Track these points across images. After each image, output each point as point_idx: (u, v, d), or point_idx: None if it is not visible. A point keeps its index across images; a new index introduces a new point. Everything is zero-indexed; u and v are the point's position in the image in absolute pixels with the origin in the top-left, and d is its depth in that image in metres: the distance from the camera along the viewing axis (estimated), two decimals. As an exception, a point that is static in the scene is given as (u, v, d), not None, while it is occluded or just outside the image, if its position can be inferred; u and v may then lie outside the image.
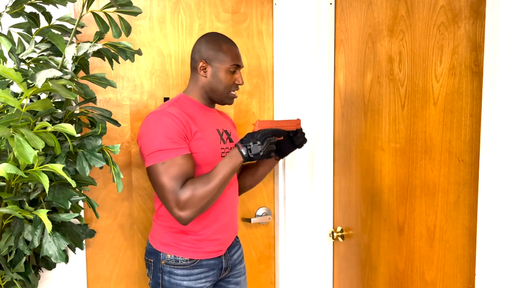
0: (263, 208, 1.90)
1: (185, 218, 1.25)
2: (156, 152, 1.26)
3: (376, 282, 1.51)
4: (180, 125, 1.30)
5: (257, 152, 1.29)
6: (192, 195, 1.24)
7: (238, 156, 1.29)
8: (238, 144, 1.31)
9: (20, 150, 0.87)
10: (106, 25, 1.26)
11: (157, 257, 1.40)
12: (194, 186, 1.25)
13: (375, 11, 1.48)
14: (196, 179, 1.28)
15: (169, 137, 1.27)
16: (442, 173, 1.20)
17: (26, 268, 1.16)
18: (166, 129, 1.28)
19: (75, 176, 1.16)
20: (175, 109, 1.34)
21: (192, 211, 1.25)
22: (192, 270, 1.38)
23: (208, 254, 1.41)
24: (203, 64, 1.40)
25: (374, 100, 1.49)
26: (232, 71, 1.41)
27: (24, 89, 0.93)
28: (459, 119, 1.14)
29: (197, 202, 1.25)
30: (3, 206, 1.07)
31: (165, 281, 1.38)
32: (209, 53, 1.39)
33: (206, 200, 1.26)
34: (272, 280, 1.95)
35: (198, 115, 1.39)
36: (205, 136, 1.36)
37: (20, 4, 1.17)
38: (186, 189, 1.24)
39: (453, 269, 1.17)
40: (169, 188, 1.24)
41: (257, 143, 1.29)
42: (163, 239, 1.40)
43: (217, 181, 1.27)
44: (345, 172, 1.70)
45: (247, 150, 1.29)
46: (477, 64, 1.08)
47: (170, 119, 1.30)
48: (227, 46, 1.41)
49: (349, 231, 1.69)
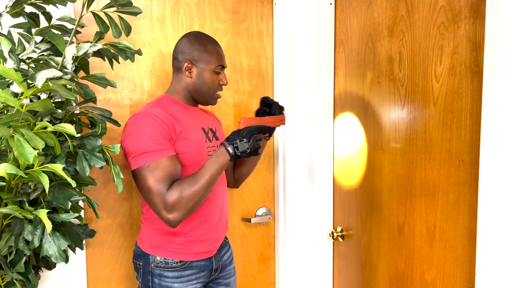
0: (263, 208, 1.90)
1: (174, 221, 1.24)
2: (141, 154, 1.25)
3: (376, 282, 1.51)
4: (164, 126, 1.28)
5: (244, 150, 1.28)
6: (180, 197, 1.22)
7: (225, 154, 1.28)
8: (224, 142, 1.29)
9: (20, 150, 0.87)
10: (106, 25, 1.26)
11: (146, 260, 1.37)
12: (182, 188, 1.23)
13: (375, 11, 1.48)
14: (183, 180, 1.26)
15: (154, 139, 1.25)
16: (442, 173, 1.20)
17: (26, 268, 1.16)
18: (150, 131, 1.26)
19: (75, 176, 1.16)
20: (159, 110, 1.32)
21: (181, 213, 1.24)
22: (183, 272, 1.37)
23: (198, 255, 1.40)
24: (188, 65, 1.37)
25: (374, 100, 1.49)
26: (217, 72, 1.40)
27: (24, 89, 0.93)
28: (459, 119, 1.14)
29: (185, 203, 1.23)
30: (3, 206, 1.07)
31: (156, 284, 1.36)
32: (194, 53, 1.37)
33: (194, 201, 1.25)
34: (272, 280, 1.95)
35: (181, 115, 1.37)
36: (190, 135, 1.34)
37: (20, 4, 1.17)
38: (173, 191, 1.23)
39: (453, 269, 1.17)
40: (156, 190, 1.22)
41: (243, 141, 1.28)
42: (152, 241, 1.38)
43: (204, 181, 1.26)
44: (345, 172, 1.70)
45: (234, 148, 1.28)
46: (477, 64, 1.08)
47: (153, 120, 1.28)
48: (212, 47, 1.39)
49: (349, 231, 1.69)
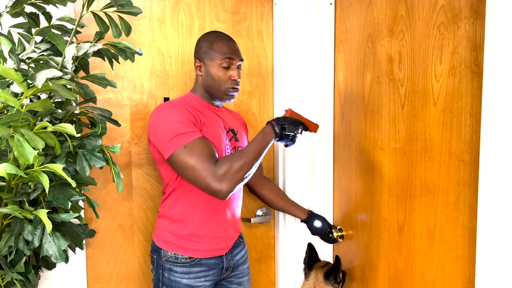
0: (263, 208, 1.90)
1: (226, 191, 1.25)
2: (175, 137, 1.27)
3: (376, 282, 1.51)
4: (189, 113, 1.33)
5: (288, 133, 1.33)
6: (230, 167, 1.25)
7: (271, 133, 1.33)
8: (273, 122, 1.35)
9: (20, 150, 0.87)
10: (106, 25, 1.26)
11: (159, 254, 1.41)
12: (231, 160, 1.27)
13: (375, 11, 1.48)
14: (231, 155, 1.30)
15: (183, 122, 1.29)
16: (442, 173, 1.20)
17: (26, 268, 1.16)
18: (178, 115, 1.30)
19: (75, 176, 1.16)
20: (183, 103, 1.38)
21: (231, 183, 1.25)
22: (192, 268, 1.39)
23: (208, 253, 1.41)
24: (197, 63, 1.43)
25: (374, 100, 1.49)
26: (225, 66, 1.39)
27: (24, 89, 0.93)
28: (459, 119, 1.14)
29: (235, 173, 1.26)
30: (3, 206, 1.07)
31: (165, 278, 1.39)
32: (201, 51, 1.42)
33: (242, 171, 1.27)
34: (272, 280, 1.95)
35: (205, 111, 1.41)
36: (210, 131, 1.37)
37: (20, 4, 1.17)
38: (223, 162, 1.26)
39: (453, 269, 1.17)
40: (202, 167, 1.24)
41: (290, 125, 1.34)
42: (164, 236, 1.41)
43: (252, 154, 1.30)
44: (345, 172, 1.70)
45: (281, 128, 1.33)
46: (477, 64, 1.08)
47: (179, 107, 1.33)
48: (218, 42, 1.41)
49: (349, 231, 1.69)
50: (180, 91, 1.70)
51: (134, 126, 1.63)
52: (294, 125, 1.35)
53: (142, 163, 1.65)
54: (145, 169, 1.65)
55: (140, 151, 1.64)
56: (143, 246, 1.67)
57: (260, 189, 1.69)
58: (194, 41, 1.71)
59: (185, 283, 1.38)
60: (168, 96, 1.68)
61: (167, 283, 1.39)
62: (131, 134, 1.63)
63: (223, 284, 1.50)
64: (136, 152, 1.64)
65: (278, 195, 1.70)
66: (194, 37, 1.71)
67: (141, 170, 1.65)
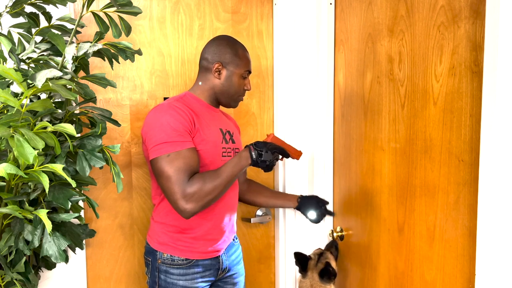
0: (263, 208, 1.90)
1: (190, 211, 1.25)
2: (162, 144, 1.27)
3: (376, 282, 1.51)
4: (186, 119, 1.31)
5: (265, 160, 1.31)
6: (200, 188, 1.25)
7: (247, 158, 1.32)
8: (251, 147, 1.33)
9: (20, 150, 0.87)
10: (106, 25, 1.26)
11: (154, 256, 1.40)
12: (204, 180, 1.26)
13: (375, 11, 1.48)
14: (205, 174, 1.29)
15: (176, 130, 1.29)
16: (442, 173, 1.20)
17: (26, 268, 1.16)
18: (172, 121, 1.29)
19: (75, 176, 1.16)
20: (181, 104, 1.35)
21: (198, 205, 1.25)
22: (188, 269, 1.39)
23: (204, 254, 1.41)
24: (218, 66, 1.41)
25: (374, 100, 1.49)
26: (244, 76, 1.44)
27: (24, 89, 0.93)
28: (459, 119, 1.14)
29: (204, 196, 1.26)
30: (3, 206, 1.07)
31: (162, 280, 1.39)
32: (226, 56, 1.41)
33: (212, 195, 1.27)
34: (272, 280, 1.95)
35: (202, 113, 1.40)
36: (207, 134, 1.37)
37: (20, 4, 1.17)
38: (195, 182, 1.25)
39: (453, 269, 1.17)
40: (176, 180, 1.24)
41: (268, 152, 1.32)
42: (160, 238, 1.40)
43: (225, 177, 1.29)
44: (345, 172, 1.70)
45: (258, 154, 1.32)
46: (477, 64, 1.08)
47: (176, 112, 1.31)
48: (243, 52, 1.45)
49: (349, 231, 1.69)
50: (180, 91, 1.70)
51: (134, 126, 1.63)
52: (272, 152, 1.33)
53: (142, 163, 1.65)
54: (145, 169, 1.65)
55: (140, 151, 1.64)
56: (143, 246, 1.66)
57: (243, 195, 1.66)
58: (194, 41, 1.71)
59: (181, 285, 1.38)
60: (168, 96, 1.68)
61: (164, 285, 1.38)
62: (131, 134, 1.63)
63: (219, 285, 1.50)
64: (136, 152, 1.64)
65: (260, 193, 1.67)
66: (194, 37, 1.71)
67: (141, 170, 1.65)
